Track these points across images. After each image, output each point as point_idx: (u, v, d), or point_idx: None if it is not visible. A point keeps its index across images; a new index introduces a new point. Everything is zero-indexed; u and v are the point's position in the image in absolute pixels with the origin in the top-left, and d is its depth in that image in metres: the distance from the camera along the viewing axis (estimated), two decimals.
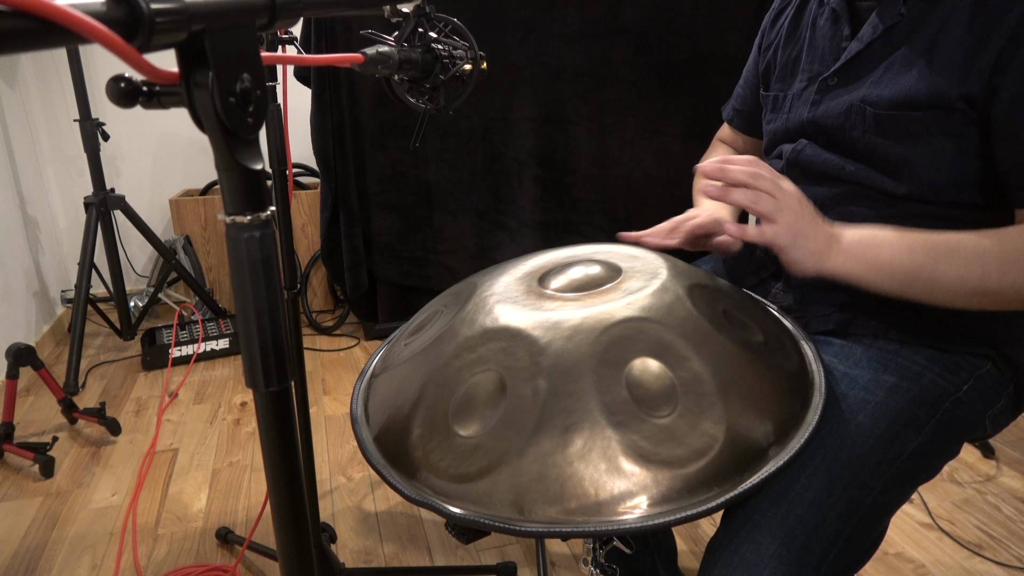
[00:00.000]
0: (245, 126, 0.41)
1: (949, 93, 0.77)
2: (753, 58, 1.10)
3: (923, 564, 1.45)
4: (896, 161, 0.83)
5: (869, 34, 0.85)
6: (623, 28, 2.28)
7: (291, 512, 0.50)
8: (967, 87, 0.76)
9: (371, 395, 0.81)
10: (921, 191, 0.82)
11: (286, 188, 1.12)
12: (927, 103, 0.78)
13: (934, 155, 0.80)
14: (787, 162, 0.95)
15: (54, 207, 2.85)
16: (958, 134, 0.78)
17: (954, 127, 0.78)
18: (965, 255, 0.74)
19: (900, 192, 0.83)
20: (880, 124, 0.83)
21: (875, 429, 0.77)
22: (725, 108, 1.18)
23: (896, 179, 0.83)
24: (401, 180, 2.42)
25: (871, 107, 0.83)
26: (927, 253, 0.75)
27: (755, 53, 1.09)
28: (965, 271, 0.74)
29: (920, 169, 0.81)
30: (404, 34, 0.73)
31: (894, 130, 0.82)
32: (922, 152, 0.80)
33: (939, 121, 0.78)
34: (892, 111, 0.81)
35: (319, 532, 1.35)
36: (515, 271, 0.84)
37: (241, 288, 0.44)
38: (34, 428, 2.05)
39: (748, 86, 1.12)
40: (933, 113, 0.78)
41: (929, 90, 0.78)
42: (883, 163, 0.84)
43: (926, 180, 0.81)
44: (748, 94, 1.12)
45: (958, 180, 0.80)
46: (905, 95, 0.80)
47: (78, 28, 0.30)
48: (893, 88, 0.81)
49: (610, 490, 0.60)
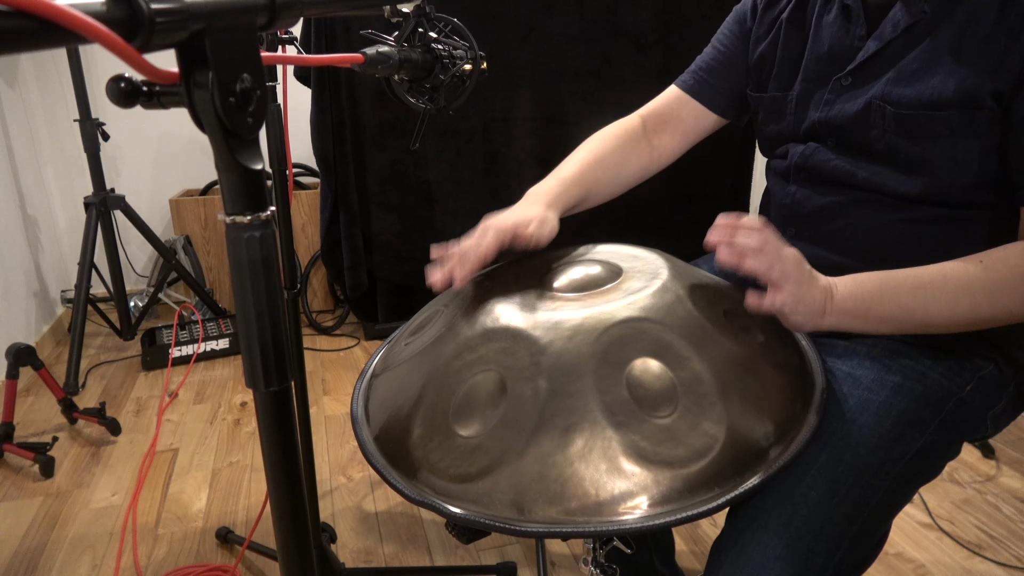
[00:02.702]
0: (245, 126, 0.41)
1: (979, 91, 0.75)
2: (733, 40, 1.03)
3: (923, 564, 1.45)
4: (916, 161, 0.81)
5: (889, 32, 0.82)
6: (623, 28, 2.28)
7: (291, 512, 0.50)
8: (997, 83, 0.75)
9: (371, 395, 0.81)
10: (939, 192, 0.81)
11: (286, 188, 1.12)
12: (954, 102, 0.77)
13: (957, 155, 0.79)
14: (795, 165, 0.93)
15: (54, 207, 2.85)
16: (983, 133, 0.77)
17: (980, 127, 0.77)
18: (952, 290, 0.74)
19: (914, 193, 0.82)
20: (901, 124, 0.81)
21: (879, 429, 0.76)
22: (683, 80, 1.09)
23: (913, 180, 0.82)
24: (401, 180, 2.42)
25: (892, 106, 0.81)
26: (915, 296, 0.75)
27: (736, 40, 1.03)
28: (955, 306, 0.74)
29: (941, 169, 0.80)
30: (404, 34, 0.73)
31: (916, 130, 0.80)
32: (945, 152, 0.79)
33: (964, 121, 0.77)
34: (915, 110, 0.79)
35: (319, 532, 1.35)
36: (515, 271, 0.84)
37: (241, 288, 0.44)
38: (34, 428, 2.05)
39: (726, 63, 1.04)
40: (959, 113, 0.77)
41: (957, 88, 0.77)
42: (902, 164, 0.82)
43: (947, 181, 0.80)
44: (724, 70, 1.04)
45: (979, 180, 0.79)
46: (931, 95, 0.78)
47: (78, 28, 0.30)
48: (917, 87, 0.79)
49: (610, 490, 0.60)
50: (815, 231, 0.92)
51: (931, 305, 0.75)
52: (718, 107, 1.07)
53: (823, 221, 0.90)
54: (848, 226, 0.88)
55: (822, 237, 0.91)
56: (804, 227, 0.93)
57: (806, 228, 0.93)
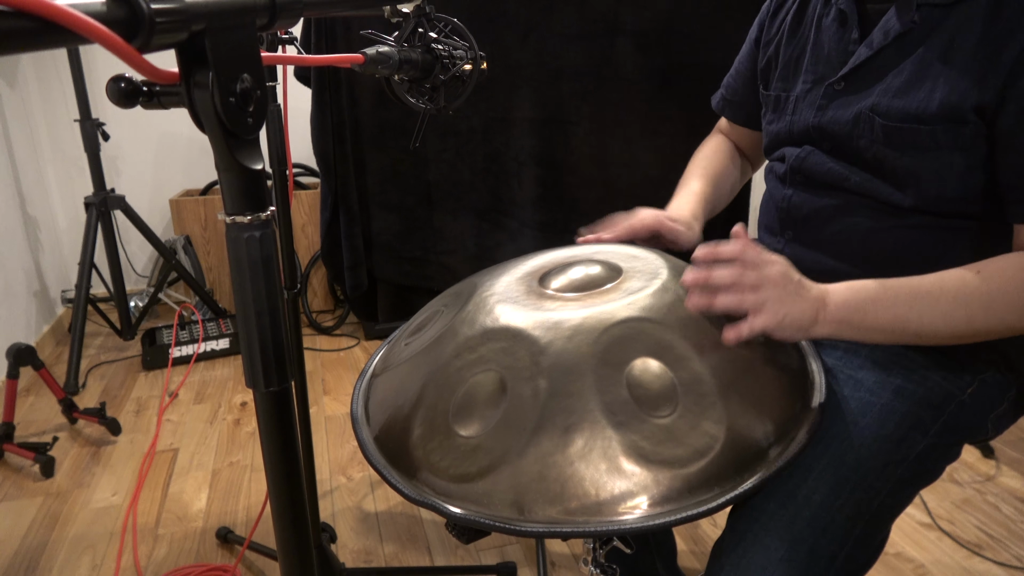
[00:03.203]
0: (245, 126, 0.41)
1: (962, 105, 0.75)
2: (750, 52, 1.07)
3: (923, 564, 1.45)
4: (903, 173, 0.81)
5: (880, 40, 0.83)
6: (623, 28, 2.28)
7: (291, 512, 0.50)
8: (981, 97, 0.74)
9: (371, 395, 0.81)
10: (927, 203, 0.81)
11: (286, 188, 1.12)
12: (939, 116, 0.77)
13: (942, 168, 0.79)
14: (791, 168, 0.93)
15: (54, 207, 2.85)
16: (967, 147, 0.77)
17: (964, 141, 0.77)
18: (949, 301, 0.73)
19: (906, 204, 0.82)
20: (889, 136, 0.81)
21: (881, 431, 0.76)
22: (714, 98, 1.16)
23: (902, 191, 0.82)
24: (401, 180, 2.42)
25: (880, 117, 0.81)
26: (911, 306, 0.74)
27: (751, 47, 1.07)
28: (950, 318, 0.74)
29: (927, 182, 0.80)
30: (404, 34, 0.73)
31: (903, 142, 0.80)
32: (930, 165, 0.79)
33: (949, 135, 0.77)
34: (902, 123, 0.80)
35: (319, 532, 1.35)
36: (515, 271, 0.84)
37: (241, 288, 0.44)
38: (34, 428, 2.05)
39: (740, 78, 1.09)
40: (943, 127, 0.77)
41: (942, 102, 0.76)
42: (890, 174, 0.83)
43: (933, 193, 0.80)
44: (740, 86, 1.10)
45: (965, 193, 0.79)
46: (917, 108, 0.78)
47: (78, 28, 0.30)
48: (905, 100, 0.80)
49: (610, 490, 0.60)
50: (811, 234, 0.92)
51: (926, 316, 0.74)
52: (740, 119, 1.13)
53: (819, 224, 0.91)
54: (844, 230, 0.88)
55: (818, 241, 0.91)
56: (800, 230, 0.93)
57: (802, 231, 0.93)
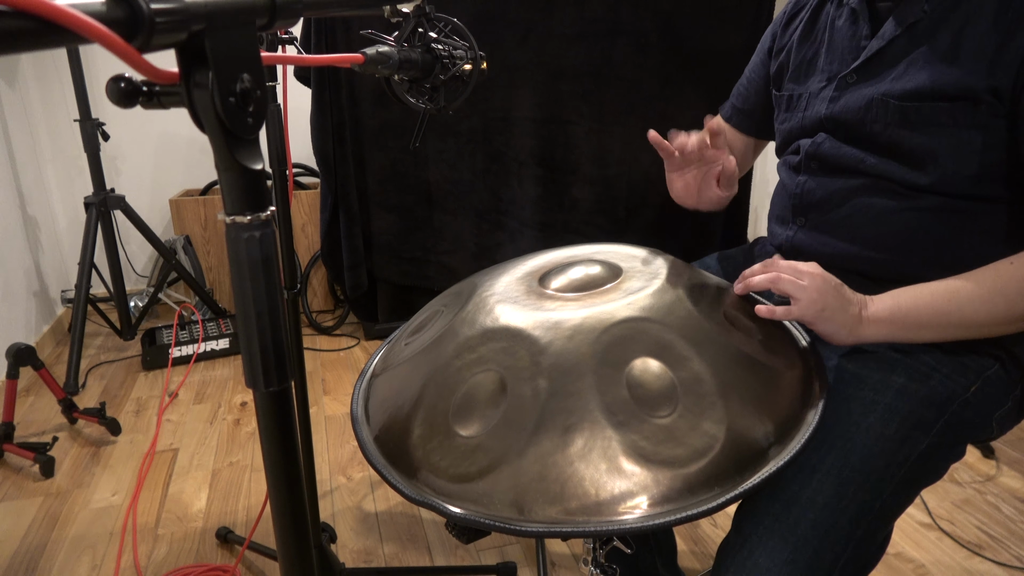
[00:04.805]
0: (245, 126, 0.41)
1: (976, 86, 0.77)
2: (762, 61, 1.09)
3: (923, 564, 1.45)
4: (920, 152, 0.83)
5: (891, 31, 0.85)
6: (623, 28, 2.28)
7: (291, 512, 0.50)
8: (994, 80, 0.76)
9: (371, 395, 0.81)
10: (945, 183, 0.82)
11: (286, 188, 1.12)
12: (953, 94, 0.79)
13: (960, 146, 0.80)
14: (806, 155, 0.95)
15: (54, 207, 2.85)
16: (984, 125, 0.79)
17: (981, 119, 0.79)
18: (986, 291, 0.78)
19: (923, 183, 0.83)
20: (905, 115, 0.83)
21: (885, 431, 0.76)
22: (723, 108, 1.18)
23: (920, 171, 0.83)
24: (401, 180, 2.42)
25: (895, 99, 0.83)
26: (949, 299, 0.79)
27: (763, 56, 1.09)
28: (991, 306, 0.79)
29: (945, 160, 0.82)
30: (404, 34, 0.73)
31: (919, 120, 0.82)
32: (947, 143, 0.81)
33: (965, 112, 0.79)
34: (918, 101, 0.82)
35: (319, 532, 1.35)
36: (515, 271, 0.84)
37: (241, 288, 0.44)
38: (34, 428, 2.05)
39: (752, 87, 1.11)
40: (959, 104, 0.79)
41: (956, 82, 0.79)
42: (907, 155, 0.84)
43: (951, 170, 0.82)
44: (751, 94, 1.11)
45: (984, 172, 0.81)
46: (931, 85, 0.80)
47: (78, 28, 0.30)
48: (918, 80, 0.82)
49: (610, 490, 0.60)
50: (823, 219, 0.93)
51: (966, 307, 0.78)
52: (750, 130, 1.15)
53: (831, 208, 0.92)
54: (856, 213, 0.89)
55: (829, 224, 0.92)
56: (812, 215, 0.95)
57: (814, 216, 0.95)
